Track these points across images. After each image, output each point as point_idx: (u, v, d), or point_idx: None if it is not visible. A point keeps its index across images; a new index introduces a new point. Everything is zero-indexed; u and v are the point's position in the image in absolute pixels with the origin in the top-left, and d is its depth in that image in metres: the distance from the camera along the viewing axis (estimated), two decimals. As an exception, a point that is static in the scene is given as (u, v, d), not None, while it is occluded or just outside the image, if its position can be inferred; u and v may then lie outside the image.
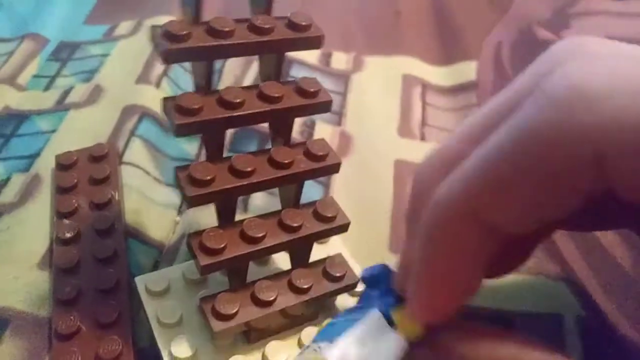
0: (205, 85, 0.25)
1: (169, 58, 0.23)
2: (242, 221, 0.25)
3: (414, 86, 0.44)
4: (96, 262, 0.29)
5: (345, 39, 0.48)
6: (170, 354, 0.25)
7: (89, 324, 0.26)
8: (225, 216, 0.25)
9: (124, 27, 0.47)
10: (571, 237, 0.33)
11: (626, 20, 0.52)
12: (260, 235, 0.25)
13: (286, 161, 0.25)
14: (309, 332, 0.27)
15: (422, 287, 0.19)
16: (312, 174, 0.26)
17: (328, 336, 0.21)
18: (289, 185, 0.26)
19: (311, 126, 0.39)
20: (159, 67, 0.42)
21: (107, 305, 0.27)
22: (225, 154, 0.25)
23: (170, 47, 0.23)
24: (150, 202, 0.33)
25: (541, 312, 0.30)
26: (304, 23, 0.25)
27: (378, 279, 0.24)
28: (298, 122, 0.38)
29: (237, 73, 0.44)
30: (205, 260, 0.24)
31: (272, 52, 0.26)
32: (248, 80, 0.43)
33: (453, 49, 0.48)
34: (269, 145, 0.27)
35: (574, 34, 0.49)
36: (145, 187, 0.34)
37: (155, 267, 0.30)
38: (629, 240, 0.33)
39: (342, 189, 0.35)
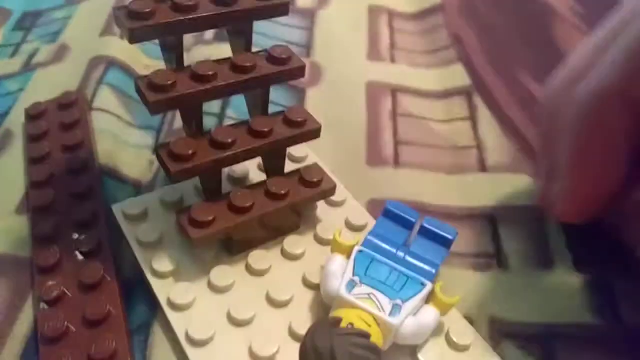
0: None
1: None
2: (209, 131, 0.25)
3: (380, 14, 0.44)
4: (72, 198, 0.29)
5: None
6: (152, 270, 0.25)
7: (69, 256, 0.26)
8: (190, 123, 0.25)
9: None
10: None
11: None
12: (230, 141, 0.24)
13: (248, 65, 0.25)
14: (292, 241, 0.27)
15: (574, 180, 0.23)
16: (276, 78, 0.26)
17: (371, 280, 0.23)
18: (256, 92, 0.26)
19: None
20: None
21: (87, 236, 0.27)
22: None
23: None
24: (124, 144, 0.33)
25: (521, 205, 0.30)
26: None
27: (403, 216, 0.26)
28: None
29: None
30: (175, 167, 0.24)
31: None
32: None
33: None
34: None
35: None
36: (118, 130, 0.34)
37: (131, 198, 0.30)
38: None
39: (317, 113, 0.35)
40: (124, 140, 0.33)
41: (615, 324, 0.25)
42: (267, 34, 0.41)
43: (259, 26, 0.26)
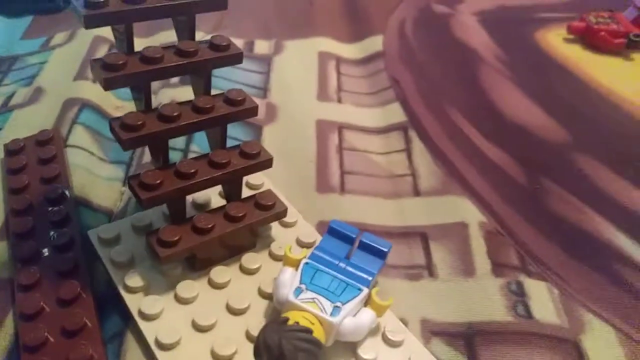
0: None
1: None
2: (175, 163, 0.29)
3: (329, 60, 0.49)
4: (50, 225, 0.32)
5: (266, 28, 0.53)
6: (124, 285, 0.28)
7: (49, 275, 0.29)
8: (160, 161, 0.29)
9: (59, 37, 0.51)
10: (470, 162, 0.38)
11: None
12: (192, 171, 0.28)
13: (207, 106, 0.29)
14: (249, 258, 0.30)
15: None
16: (231, 118, 0.30)
17: (316, 286, 0.27)
18: (215, 129, 0.30)
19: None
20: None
21: (64, 258, 0.30)
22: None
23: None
24: (96, 177, 0.36)
25: (449, 223, 0.34)
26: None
27: (344, 233, 0.30)
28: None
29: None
30: (145, 195, 0.27)
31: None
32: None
33: (362, 27, 0.54)
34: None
35: (467, 6, 0.56)
36: (91, 165, 0.37)
37: (103, 224, 0.33)
38: (517, 156, 0.39)
39: (271, 149, 0.39)
40: (96, 174, 0.37)
41: (526, 320, 0.29)
42: (229, 77, 0.45)
43: (221, 71, 0.30)
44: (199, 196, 0.33)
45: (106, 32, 0.50)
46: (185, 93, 0.40)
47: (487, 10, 0.54)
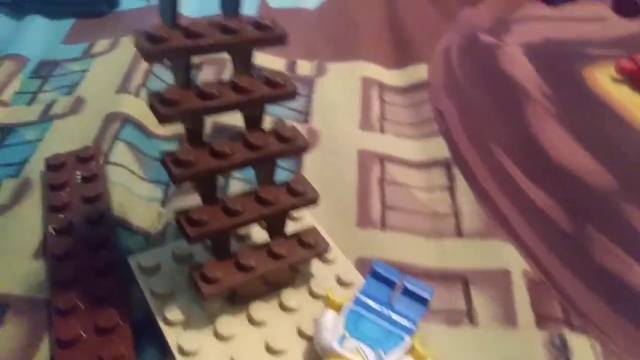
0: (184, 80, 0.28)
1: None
2: (222, 199, 0.28)
3: (372, 86, 0.49)
4: (89, 247, 0.32)
5: (309, 49, 0.53)
6: (164, 318, 0.28)
7: (86, 299, 0.29)
8: (208, 195, 0.29)
9: (101, 45, 0.51)
10: (513, 204, 0.37)
11: (561, 23, 0.58)
12: (239, 209, 0.28)
13: (259, 143, 0.29)
14: (288, 295, 0.30)
15: None
16: (282, 154, 0.29)
17: (359, 334, 0.26)
18: (264, 166, 0.30)
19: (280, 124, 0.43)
20: (137, 78, 0.45)
21: (103, 283, 0.30)
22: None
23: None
24: (135, 196, 0.36)
25: (491, 268, 0.33)
26: (268, 23, 0.29)
27: (387, 277, 0.29)
28: (268, 120, 0.42)
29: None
30: (193, 232, 0.27)
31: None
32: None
33: (406, 54, 0.53)
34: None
35: (513, 37, 0.55)
36: (131, 183, 0.37)
37: (143, 249, 0.33)
38: (562, 201, 0.38)
39: (312, 176, 0.38)
40: (136, 193, 0.36)
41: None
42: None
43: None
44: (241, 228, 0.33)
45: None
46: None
47: (534, 42, 0.53)
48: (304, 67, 0.50)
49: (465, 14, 0.58)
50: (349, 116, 0.45)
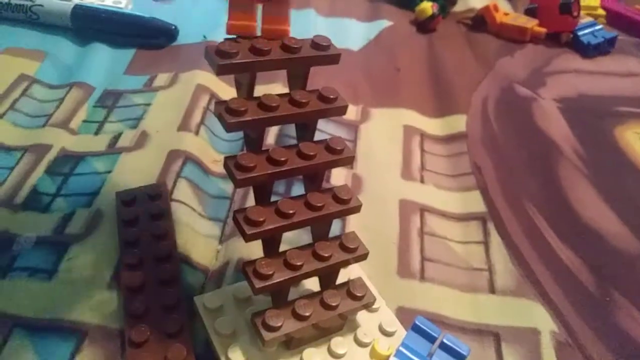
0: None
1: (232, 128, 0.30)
2: (284, 252, 0.32)
3: (413, 135, 0.52)
4: (158, 283, 0.35)
5: (354, 93, 0.56)
6: (227, 358, 0.31)
7: (157, 333, 0.32)
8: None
9: (162, 78, 0.54)
10: (544, 264, 0.40)
11: (594, 78, 0.60)
12: (299, 263, 0.31)
13: (319, 204, 0.32)
14: (337, 342, 0.33)
15: None
16: (339, 214, 0.33)
17: None
18: (320, 226, 0.33)
19: (329, 170, 0.46)
20: (197, 117, 0.49)
21: (172, 318, 0.33)
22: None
23: (231, 120, 0.29)
24: (196, 233, 0.40)
25: (522, 327, 0.36)
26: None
27: (428, 332, 0.32)
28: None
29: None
30: (259, 284, 0.30)
31: (308, 119, 0.32)
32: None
33: (446, 102, 0.56)
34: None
35: (548, 91, 0.57)
36: (192, 221, 0.40)
37: (202, 288, 0.37)
38: (590, 263, 0.40)
39: (356, 224, 0.42)
40: (196, 230, 0.40)
41: None
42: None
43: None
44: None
45: (208, 81, 0.54)
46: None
47: (568, 97, 0.55)
48: (350, 111, 0.53)
49: (502, 63, 0.61)
50: (392, 164, 0.48)
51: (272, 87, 0.53)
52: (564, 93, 0.57)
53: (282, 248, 0.32)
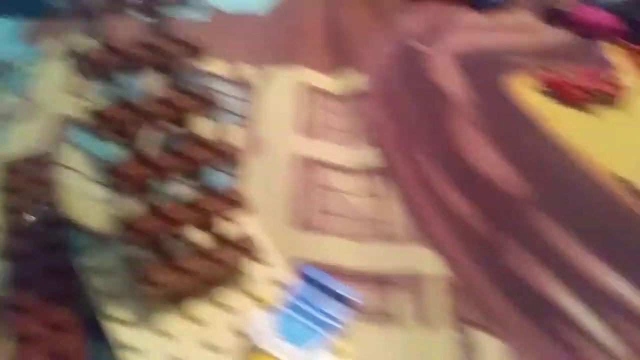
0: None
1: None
2: (162, 207, 0.31)
3: (311, 93, 0.52)
4: (45, 248, 0.34)
5: (254, 54, 0.56)
6: (109, 316, 0.31)
7: (42, 298, 0.32)
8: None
9: (51, 47, 0.52)
10: (436, 211, 0.41)
11: (490, 32, 0.62)
12: (174, 215, 0.31)
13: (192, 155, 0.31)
14: (226, 295, 0.33)
15: None
16: (215, 163, 0.32)
17: (286, 332, 0.30)
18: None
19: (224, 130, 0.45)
20: (84, 83, 0.47)
21: (57, 283, 0.32)
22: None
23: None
24: (87, 198, 0.38)
25: (413, 273, 0.38)
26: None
27: (317, 280, 0.33)
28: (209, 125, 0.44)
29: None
30: (130, 236, 0.30)
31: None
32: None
33: (343, 60, 0.57)
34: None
35: (444, 46, 0.58)
36: (82, 186, 0.39)
37: (93, 250, 0.36)
38: (481, 208, 0.42)
39: (251, 180, 0.42)
40: (87, 195, 0.39)
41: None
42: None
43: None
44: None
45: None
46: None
47: (464, 51, 0.57)
48: (247, 72, 0.53)
49: (400, 20, 0.62)
50: (288, 122, 0.48)
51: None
52: (460, 47, 0.58)
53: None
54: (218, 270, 0.32)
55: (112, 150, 0.43)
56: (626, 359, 0.34)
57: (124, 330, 0.30)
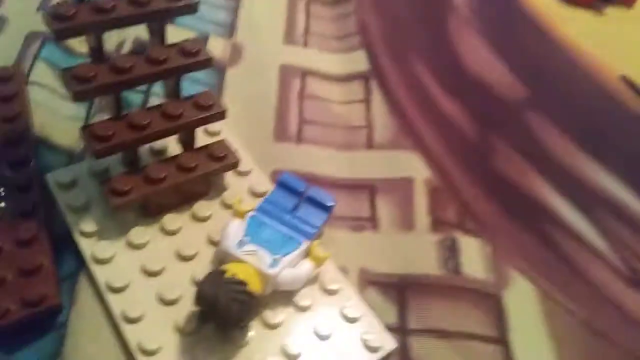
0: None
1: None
2: (127, 114, 0.29)
3: (299, -1, 0.49)
4: (9, 166, 0.33)
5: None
6: (79, 230, 0.30)
7: (7, 215, 0.30)
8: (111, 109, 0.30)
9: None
10: (424, 115, 0.39)
11: None
12: (145, 122, 0.29)
13: (161, 58, 0.29)
14: (201, 206, 0.32)
15: None
16: (185, 69, 0.30)
17: (259, 239, 0.28)
18: (168, 81, 0.31)
19: (205, 40, 0.43)
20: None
21: (23, 199, 0.31)
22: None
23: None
24: (58, 115, 0.37)
25: (396, 177, 0.36)
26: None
27: (293, 187, 0.32)
28: (189, 34, 0.42)
29: None
30: (97, 146, 0.28)
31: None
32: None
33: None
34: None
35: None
36: (53, 103, 0.37)
37: (61, 165, 0.34)
38: (473, 112, 0.39)
39: (234, 92, 0.40)
40: (58, 112, 0.37)
41: (455, 275, 0.31)
42: (197, 16, 0.44)
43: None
44: (156, 143, 0.34)
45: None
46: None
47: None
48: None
49: None
50: (274, 30, 0.45)
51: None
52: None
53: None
54: (190, 180, 0.31)
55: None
56: (615, 260, 0.32)
57: (93, 243, 0.29)
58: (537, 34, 0.45)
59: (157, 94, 0.39)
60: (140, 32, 0.42)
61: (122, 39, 0.42)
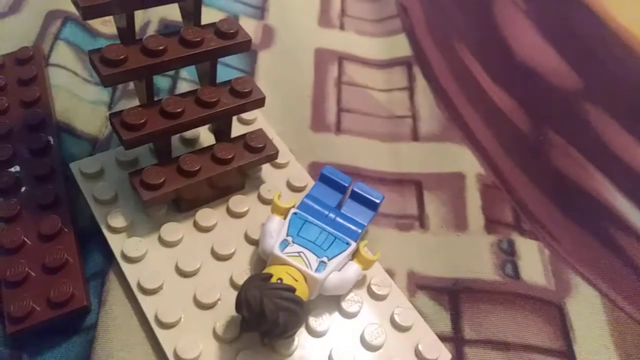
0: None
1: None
2: (160, 100, 0.27)
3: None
4: (31, 154, 0.31)
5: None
6: (107, 225, 0.27)
7: (29, 207, 0.28)
8: (142, 94, 0.27)
9: None
10: (474, 106, 0.36)
11: None
12: (179, 110, 0.27)
13: (196, 39, 0.27)
14: (236, 201, 0.30)
15: None
16: (222, 52, 0.27)
17: (303, 239, 0.26)
18: (204, 64, 0.28)
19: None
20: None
21: (46, 190, 0.29)
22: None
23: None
24: (80, 100, 0.34)
25: (445, 172, 0.33)
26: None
27: (337, 181, 0.29)
28: (221, 15, 0.39)
29: None
30: (127, 135, 0.26)
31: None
32: None
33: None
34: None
35: None
36: (74, 86, 0.35)
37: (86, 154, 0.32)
38: (525, 103, 0.36)
39: (267, 77, 0.37)
40: (80, 97, 0.35)
41: (513, 280, 0.29)
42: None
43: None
44: (187, 132, 0.31)
45: None
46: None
47: None
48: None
49: None
50: (308, 11, 0.42)
51: None
52: None
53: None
54: (226, 172, 0.28)
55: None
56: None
57: (123, 240, 0.27)
58: (589, 17, 0.42)
59: (186, 79, 0.37)
60: (166, 11, 0.39)
61: (147, 19, 0.39)
